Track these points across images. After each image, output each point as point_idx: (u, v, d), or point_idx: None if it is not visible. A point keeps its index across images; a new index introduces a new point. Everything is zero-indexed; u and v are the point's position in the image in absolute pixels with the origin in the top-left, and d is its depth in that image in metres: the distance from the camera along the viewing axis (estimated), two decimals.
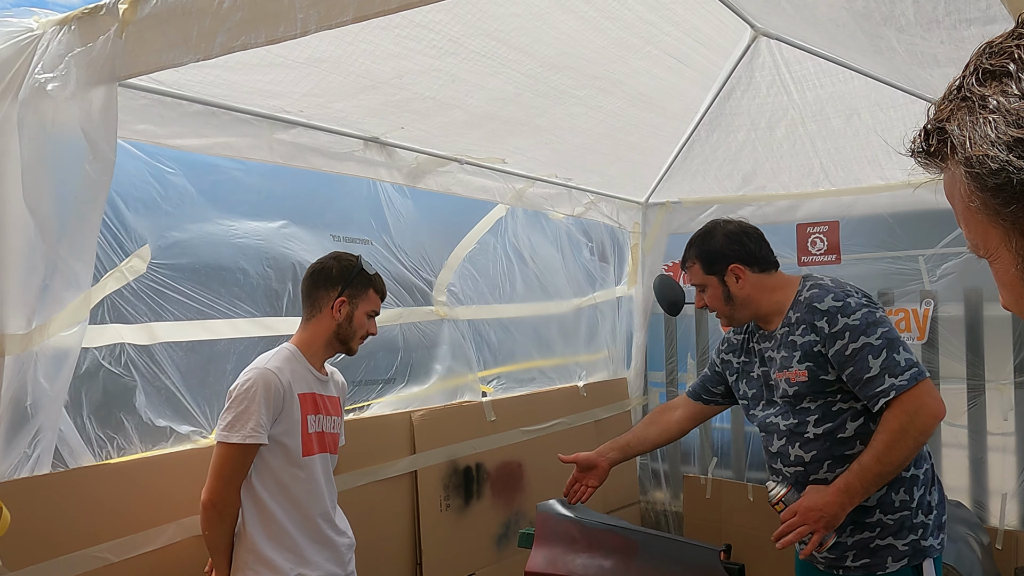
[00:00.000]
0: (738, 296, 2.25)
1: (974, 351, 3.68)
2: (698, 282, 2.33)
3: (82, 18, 1.99)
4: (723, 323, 2.36)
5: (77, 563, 2.17)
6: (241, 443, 2.12)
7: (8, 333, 2.00)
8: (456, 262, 3.73)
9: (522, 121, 3.22)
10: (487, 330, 3.88)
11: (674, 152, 4.10)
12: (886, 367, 1.99)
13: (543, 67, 2.83)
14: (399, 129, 3.08)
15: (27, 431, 2.06)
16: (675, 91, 3.39)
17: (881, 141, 3.59)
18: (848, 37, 2.74)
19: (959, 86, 0.65)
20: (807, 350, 2.11)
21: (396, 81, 2.67)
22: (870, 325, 2.03)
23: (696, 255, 2.32)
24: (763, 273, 2.26)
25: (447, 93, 2.84)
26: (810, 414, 2.14)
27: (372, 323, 2.40)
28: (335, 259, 2.39)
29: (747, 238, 2.28)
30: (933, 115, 0.67)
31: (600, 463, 2.46)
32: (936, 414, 1.98)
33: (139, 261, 2.46)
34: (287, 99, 2.65)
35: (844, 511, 2.00)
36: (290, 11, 1.72)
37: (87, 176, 2.04)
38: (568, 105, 3.17)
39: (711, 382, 2.54)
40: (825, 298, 2.10)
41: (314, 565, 2.27)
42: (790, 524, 2.02)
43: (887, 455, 1.95)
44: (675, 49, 3.03)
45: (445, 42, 2.51)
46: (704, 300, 2.34)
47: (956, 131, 0.63)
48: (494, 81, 2.83)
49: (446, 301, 3.64)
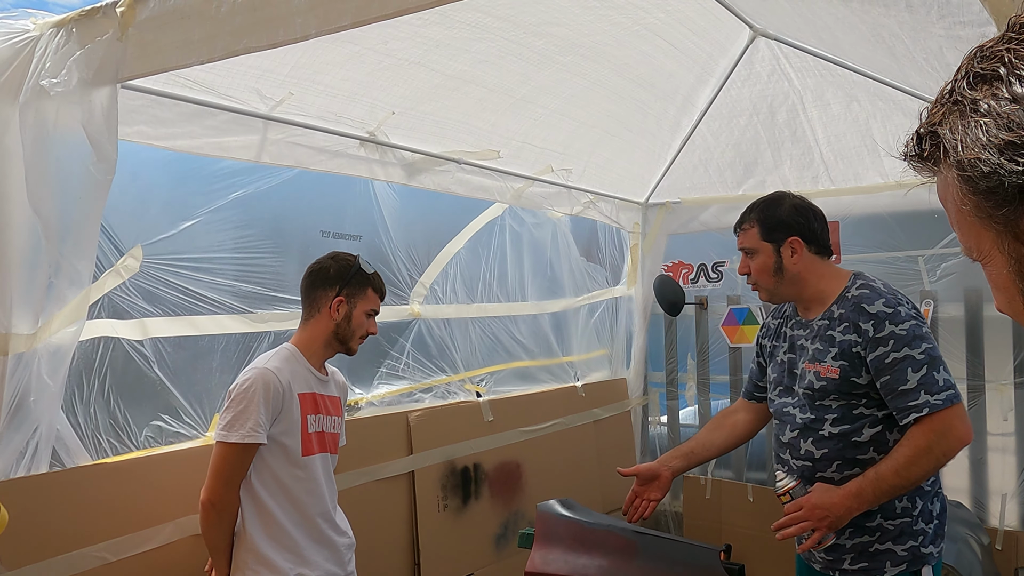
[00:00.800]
0: (789, 271, 2.20)
1: (974, 351, 3.68)
2: (751, 246, 2.24)
3: (80, 20, 1.99)
4: (761, 295, 2.29)
5: (75, 562, 2.17)
6: (240, 443, 2.13)
7: (14, 332, 2.01)
8: (445, 259, 3.72)
9: (507, 90, 3.18)
10: (474, 329, 3.86)
11: (673, 152, 4.10)
12: (923, 383, 1.96)
13: (527, 34, 2.82)
14: (391, 114, 3.05)
15: (26, 429, 2.07)
16: (669, 75, 3.38)
17: (880, 132, 3.60)
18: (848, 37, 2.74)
19: (951, 90, 0.65)
20: (845, 349, 2.07)
21: (382, 47, 2.65)
22: (916, 338, 2.00)
23: (758, 218, 2.24)
24: (818, 256, 2.22)
25: (432, 57, 2.82)
26: (829, 412, 2.11)
27: (371, 322, 2.40)
28: (332, 259, 2.38)
29: (812, 215, 2.24)
30: (925, 119, 0.67)
31: (663, 472, 2.35)
32: (963, 439, 1.96)
33: (132, 260, 2.49)
34: (275, 76, 2.62)
35: (850, 515, 1.98)
36: (289, 16, 1.74)
37: (91, 176, 2.05)
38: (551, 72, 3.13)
39: (756, 376, 2.49)
40: (876, 301, 2.06)
41: (314, 565, 2.27)
42: (794, 518, 2.00)
43: (907, 470, 1.93)
44: (670, 36, 3.03)
45: (432, 14, 2.49)
46: (749, 267, 2.26)
47: (948, 135, 0.63)
48: (477, 46, 2.81)
49: (425, 300, 3.63)
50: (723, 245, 4.50)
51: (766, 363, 2.42)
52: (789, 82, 3.50)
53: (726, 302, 4.48)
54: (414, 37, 2.64)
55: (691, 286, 4.61)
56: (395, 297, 3.44)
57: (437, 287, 3.69)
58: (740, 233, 2.29)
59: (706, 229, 4.51)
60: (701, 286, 4.61)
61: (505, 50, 2.87)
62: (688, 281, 4.63)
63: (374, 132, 3.09)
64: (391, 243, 3.46)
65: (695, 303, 4.56)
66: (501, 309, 4.02)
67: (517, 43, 2.85)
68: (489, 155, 3.52)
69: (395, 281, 3.46)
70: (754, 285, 2.28)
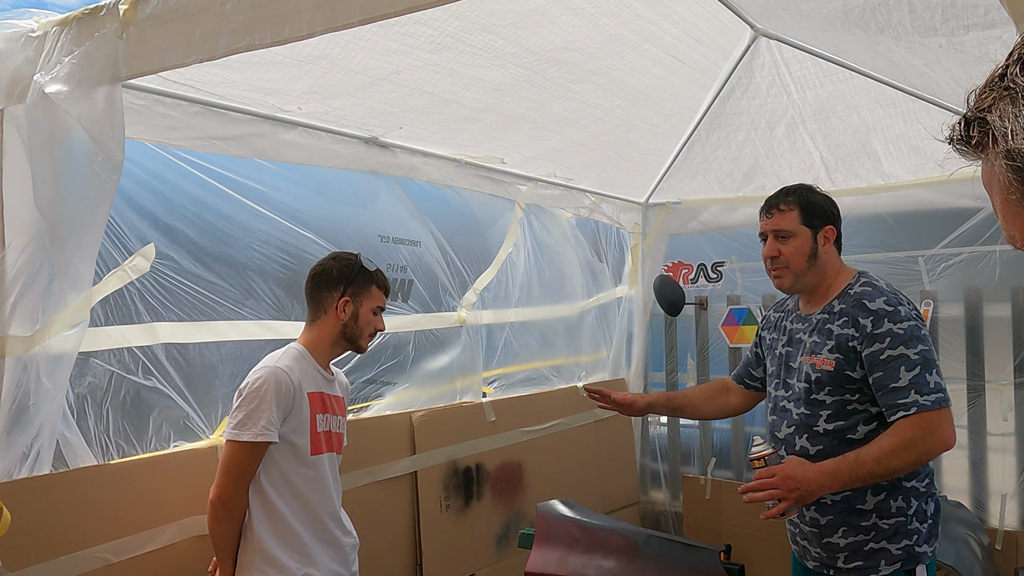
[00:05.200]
0: (820, 258, 2.21)
1: (974, 351, 3.68)
2: (789, 229, 2.20)
3: (82, 19, 1.99)
4: (782, 281, 2.23)
5: (77, 563, 2.17)
6: (252, 441, 2.12)
7: (11, 335, 2.00)
8: (498, 265, 3.75)
9: (519, 115, 3.22)
10: (498, 332, 3.90)
11: (674, 152, 4.10)
12: (915, 383, 1.98)
13: (540, 61, 2.83)
14: (398, 129, 3.07)
15: (28, 431, 2.06)
16: (673, 89, 3.39)
17: (881, 137, 3.60)
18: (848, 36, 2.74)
19: (1002, 75, 0.62)
20: (842, 342, 2.09)
21: (395, 77, 2.67)
22: (913, 339, 2.02)
23: (797, 202, 2.22)
24: (836, 250, 2.26)
25: (444, 87, 2.84)
26: (824, 408, 2.12)
27: (379, 319, 2.40)
28: (334, 259, 2.39)
29: (838, 210, 2.28)
30: (974, 103, 0.65)
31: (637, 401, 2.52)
32: (947, 442, 1.97)
33: (143, 260, 2.44)
34: (286, 97, 2.65)
35: (821, 491, 1.99)
36: (296, 13, 1.72)
37: (96, 176, 2.04)
38: (564, 100, 3.17)
39: (752, 365, 2.53)
40: (877, 299, 2.09)
41: (320, 565, 2.27)
42: (764, 483, 2.00)
43: (888, 459, 1.94)
44: (674, 48, 3.03)
45: (443, 37, 2.51)
46: (779, 250, 2.21)
47: (998, 122, 0.61)
48: (491, 74, 2.83)
49: (475, 306, 3.66)
50: (723, 245, 4.51)
51: (763, 355, 2.45)
52: (788, 96, 3.50)
53: (726, 302, 4.48)
54: (426, 66, 2.67)
55: (691, 286, 4.61)
56: (432, 305, 3.51)
57: (488, 292, 3.76)
58: (776, 214, 2.23)
59: (706, 229, 4.52)
60: (701, 286, 4.61)
61: (519, 77, 2.89)
62: (688, 281, 4.64)
63: (379, 138, 3.11)
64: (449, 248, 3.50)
65: (695, 303, 4.56)
66: (532, 313, 4.04)
67: (530, 70, 2.86)
68: (493, 160, 3.54)
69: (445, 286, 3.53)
70: (781, 269, 2.22)
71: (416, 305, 3.43)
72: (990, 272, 3.60)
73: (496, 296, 3.85)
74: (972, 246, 3.63)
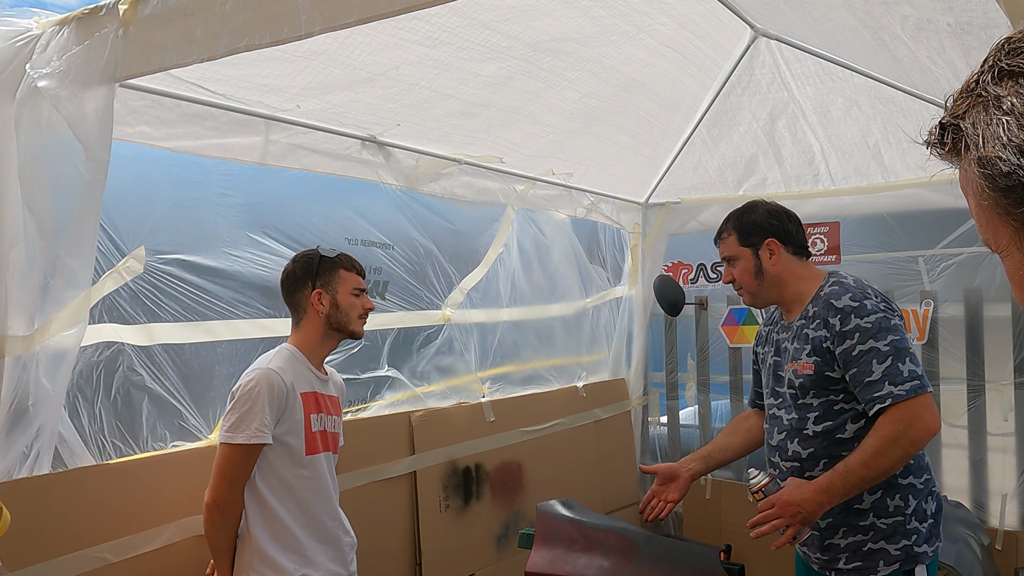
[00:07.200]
0: (769, 272, 2.26)
1: (974, 351, 3.68)
2: (731, 254, 2.32)
3: (82, 19, 1.99)
4: (746, 299, 2.36)
5: (77, 563, 2.17)
6: (246, 443, 2.12)
7: (10, 335, 2.00)
8: (487, 266, 3.75)
9: (517, 109, 3.20)
10: (490, 331, 3.89)
11: (674, 152, 4.10)
12: (888, 374, 1.99)
13: (537, 52, 2.83)
14: (395, 126, 3.06)
15: (27, 431, 2.06)
16: (669, 80, 3.38)
17: (881, 131, 3.61)
18: (848, 36, 2.74)
19: (976, 82, 0.64)
20: (817, 345, 2.12)
21: (392, 72, 2.67)
22: (882, 330, 2.03)
23: (734, 226, 2.32)
24: (796, 257, 2.28)
25: (442, 82, 2.83)
26: (811, 411, 2.14)
27: (364, 299, 2.39)
28: (294, 261, 2.40)
29: (786, 218, 2.30)
30: (949, 110, 0.66)
31: (682, 474, 2.36)
32: (931, 428, 1.98)
33: (135, 262, 2.46)
34: (284, 93, 2.65)
35: (822, 509, 2.00)
36: (294, 12, 1.73)
37: (81, 176, 2.04)
38: (561, 90, 3.15)
39: (756, 383, 2.54)
40: (843, 296, 2.11)
41: (318, 565, 2.26)
42: (767, 515, 2.02)
43: (875, 461, 1.95)
44: (670, 39, 3.03)
45: (440, 32, 2.52)
46: (732, 275, 2.33)
47: (970, 129, 0.63)
48: (488, 68, 2.83)
49: (462, 305, 3.65)
50: None
51: (761, 370, 2.47)
52: (789, 92, 3.50)
53: (726, 302, 4.48)
54: (423, 61, 2.66)
55: (691, 286, 4.61)
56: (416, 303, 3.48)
57: (475, 292, 3.74)
58: (720, 244, 2.36)
59: (706, 229, 4.51)
60: (701, 286, 4.62)
61: (515, 69, 2.89)
62: (688, 281, 4.64)
63: (376, 137, 3.11)
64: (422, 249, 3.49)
65: (695, 303, 4.56)
66: (523, 313, 4.04)
67: (526, 61, 2.86)
68: (492, 160, 3.53)
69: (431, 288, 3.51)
70: (739, 290, 2.35)
71: (396, 302, 3.43)
72: (990, 272, 3.59)
73: (486, 296, 3.84)
74: (972, 246, 3.63)
